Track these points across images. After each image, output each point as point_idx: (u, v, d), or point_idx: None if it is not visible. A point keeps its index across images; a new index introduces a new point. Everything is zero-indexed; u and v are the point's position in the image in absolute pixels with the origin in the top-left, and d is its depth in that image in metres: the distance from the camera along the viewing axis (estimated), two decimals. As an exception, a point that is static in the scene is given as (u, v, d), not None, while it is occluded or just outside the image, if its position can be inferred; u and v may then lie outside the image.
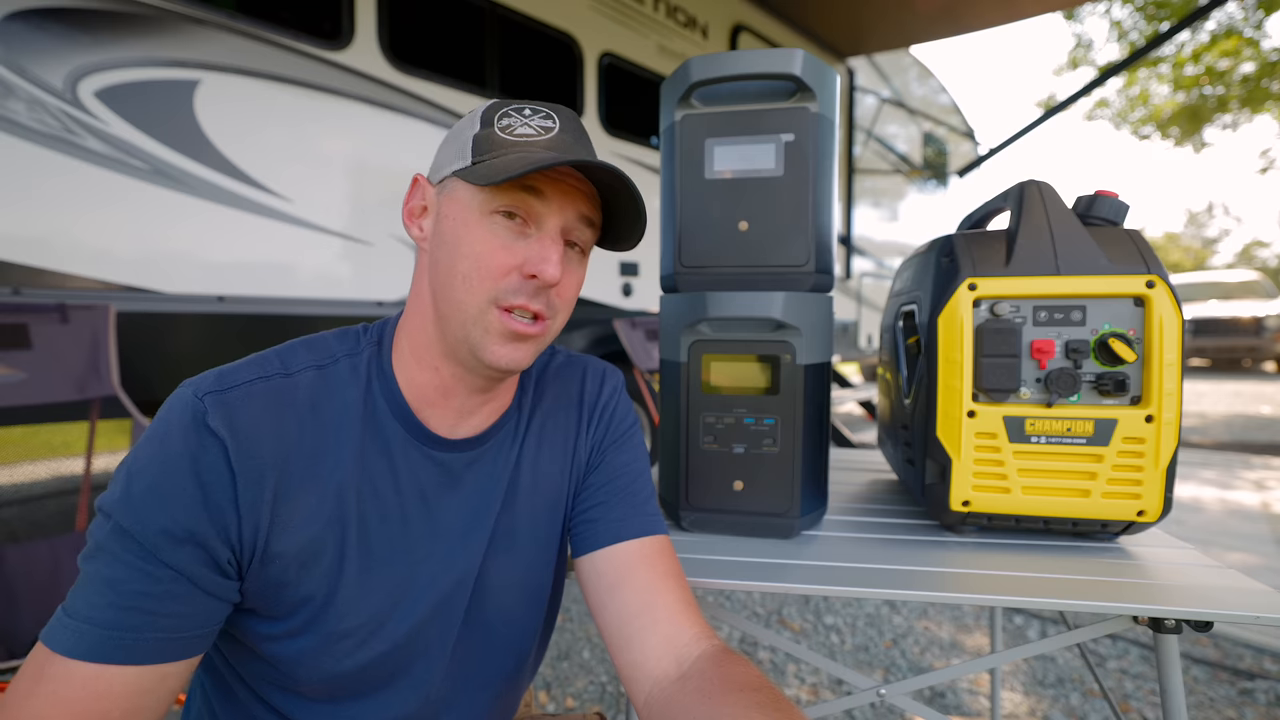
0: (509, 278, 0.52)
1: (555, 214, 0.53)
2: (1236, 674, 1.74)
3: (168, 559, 0.44)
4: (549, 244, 0.52)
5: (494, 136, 0.52)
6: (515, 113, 0.54)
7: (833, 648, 1.90)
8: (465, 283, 0.51)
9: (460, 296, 0.52)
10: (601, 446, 0.66)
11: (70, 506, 1.32)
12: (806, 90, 0.75)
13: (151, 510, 0.44)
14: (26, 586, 1.17)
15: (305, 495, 0.50)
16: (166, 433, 0.46)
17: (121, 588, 0.43)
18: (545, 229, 0.53)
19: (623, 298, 3.24)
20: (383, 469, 0.54)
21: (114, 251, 1.78)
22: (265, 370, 0.51)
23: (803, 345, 0.76)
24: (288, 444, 0.49)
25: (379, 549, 0.53)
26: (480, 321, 0.52)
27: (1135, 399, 0.70)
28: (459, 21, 2.65)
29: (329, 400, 0.52)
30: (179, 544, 0.45)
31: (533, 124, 0.53)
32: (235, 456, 0.47)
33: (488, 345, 0.52)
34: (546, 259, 0.51)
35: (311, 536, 0.50)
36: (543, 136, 0.53)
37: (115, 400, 1.41)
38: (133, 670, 0.43)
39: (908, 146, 6.13)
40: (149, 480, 0.45)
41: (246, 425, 0.48)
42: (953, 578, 0.67)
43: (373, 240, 2.31)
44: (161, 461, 0.46)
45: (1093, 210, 0.75)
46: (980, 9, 5.02)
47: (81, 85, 1.70)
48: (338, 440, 0.52)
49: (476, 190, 0.52)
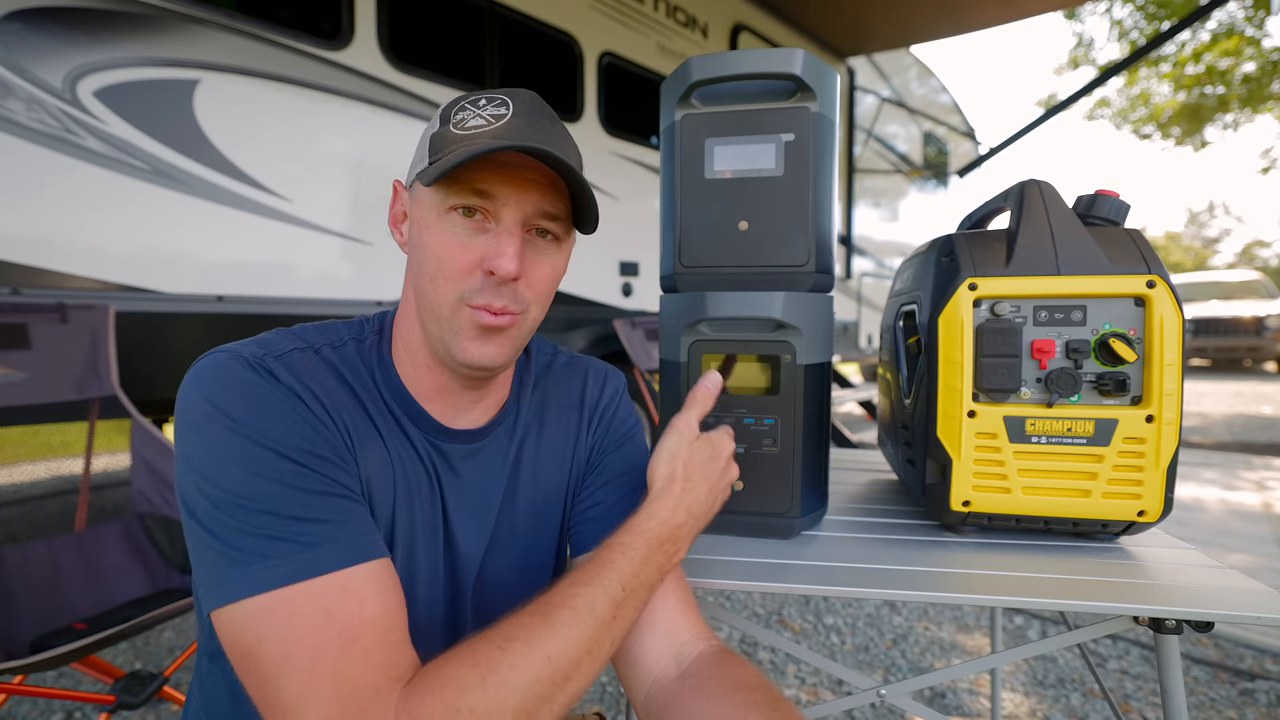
0: (472, 276, 0.52)
1: (511, 206, 0.52)
2: (1237, 674, 1.74)
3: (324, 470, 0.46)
4: (505, 237, 0.51)
5: (448, 134, 0.52)
6: (470, 105, 0.53)
7: (833, 648, 1.89)
8: (433, 284, 0.52)
9: (431, 298, 0.52)
10: (602, 447, 0.66)
11: (69, 507, 1.31)
12: (807, 90, 0.74)
13: (282, 433, 0.45)
14: (26, 587, 1.17)
15: (370, 450, 0.52)
16: (239, 385, 0.46)
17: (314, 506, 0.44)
18: (503, 222, 0.52)
19: (622, 298, 3.24)
20: (408, 447, 0.55)
21: (113, 251, 1.77)
22: (298, 344, 0.52)
23: (803, 345, 0.75)
24: (341, 403, 0.51)
25: (416, 524, 0.55)
26: (452, 321, 0.52)
27: (1136, 399, 0.69)
28: (459, 21, 2.65)
29: (349, 378, 0.54)
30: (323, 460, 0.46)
31: (485, 114, 0.52)
32: (316, 399, 0.48)
33: (460, 343, 0.52)
34: (501, 253, 0.51)
35: (378, 491, 0.52)
36: (492, 125, 0.51)
37: (115, 400, 1.41)
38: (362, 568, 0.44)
39: (908, 146, 6.12)
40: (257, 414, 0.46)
41: (310, 380, 0.49)
42: (953, 578, 0.67)
43: (372, 240, 2.30)
44: (260, 400, 0.46)
45: (1093, 210, 0.75)
46: (980, 9, 5.01)
47: (81, 85, 1.70)
48: (369, 415, 0.53)
49: (433, 190, 0.52)
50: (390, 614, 0.44)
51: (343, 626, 0.41)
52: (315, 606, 0.41)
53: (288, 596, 0.41)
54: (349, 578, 0.43)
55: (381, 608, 0.43)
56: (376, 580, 0.44)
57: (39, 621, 1.15)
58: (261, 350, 0.49)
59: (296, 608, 0.41)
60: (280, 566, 0.41)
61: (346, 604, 0.42)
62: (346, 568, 0.43)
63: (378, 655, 0.41)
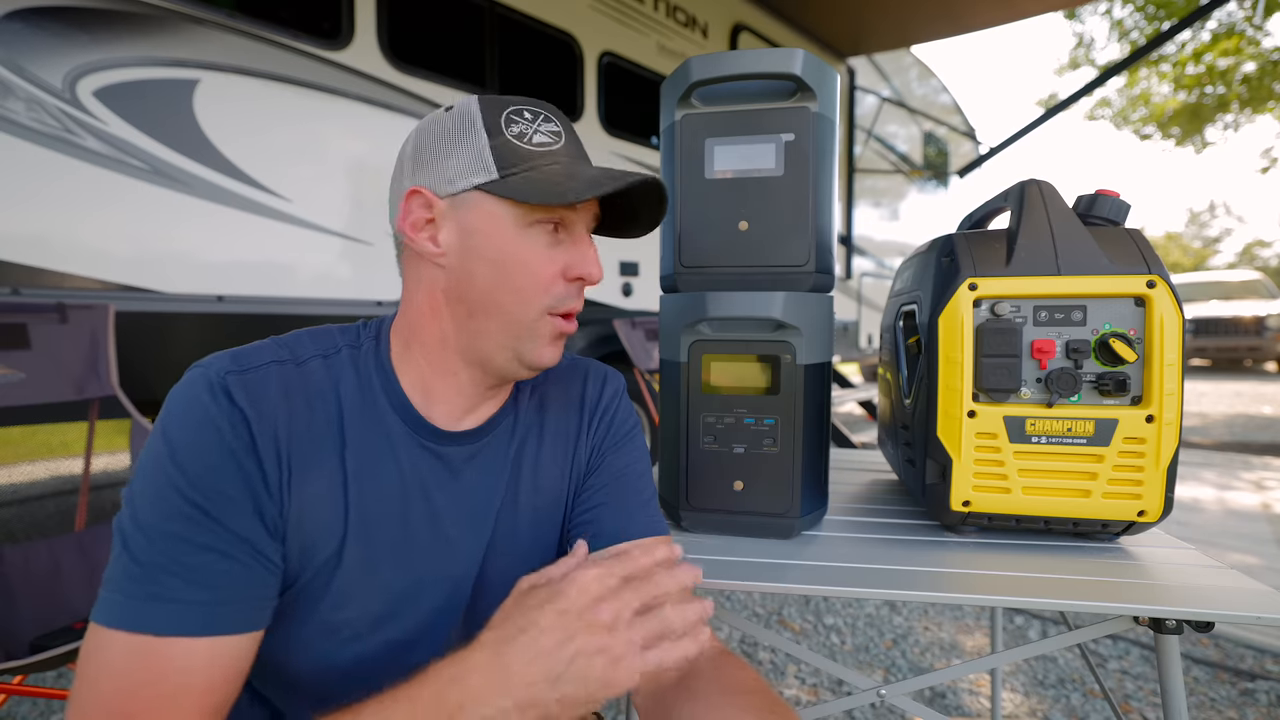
0: (557, 284, 0.54)
1: (584, 215, 0.56)
2: (1237, 674, 1.74)
3: (222, 517, 0.45)
4: (586, 246, 0.56)
5: (513, 147, 0.52)
6: (519, 118, 0.54)
7: (833, 648, 1.89)
8: (518, 295, 0.53)
9: (513, 309, 0.53)
10: (602, 449, 0.66)
11: (69, 507, 1.31)
12: (807, 90, 0.74)
13: (198, 471, 0.45)
14: (25, 587, 1.17)
15: (314, 479, 0.51)
16: (187, 409, 0.47)
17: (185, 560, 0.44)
18: (575, 232, 0.55)
19: (623, 298, 3.24)
20: (387, 460, 0.54)
21: (113, 251, 1.77)
22: (278, 355, 0.52)
23: (803, 345, 0.75)
24: (298, 427, 0.51)
25: (380, 540, 0.54)
26: (534, 330, 0.54)
27: (1136, 399, 0.69)
28: (459, 21, 2.65)
29: (333, 389, 0.53)
30: (231, 501, 0.46)
31: (543, 131, 0.55)
32: (257, 429, 0.48)
33: (538, 350, 0.55)
34: (589, 260, 0.55)
35: (316, 521, 0.51)
36: (559, 144, 0.55)
37: (114, 400, 1.40)
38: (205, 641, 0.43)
39: (908, 146, 6.12)
40: (185, 445, 0.46)
41: (265, 403, 0.49)
42: (953, 578, 0.67)
43: (372, 240, 2.30)
44: (196, 426, 0.46)
45: (1093, 210, 0.75)
46: (980, 9, 5.01)
47: (80, 85, 1.70)
48: (342, 428, 0.53)
49: (511, 204, 0.52)
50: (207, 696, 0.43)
51: (152, 691, 0.41)
52: (138, 661, 0.41)
53: (121, 638, 0.41)
54: (183, 648, 0.42)
55: (202, 687, 0.43)
56: (210, 657, 0.43)
57: (39, 621, 1.15)
58: (234, 365, 0.49)
59: (124, 652, 0.41)
60: (130, 607, 0.42)
61: (167, 670, 0.42)
62: (187, 637, 0.42)
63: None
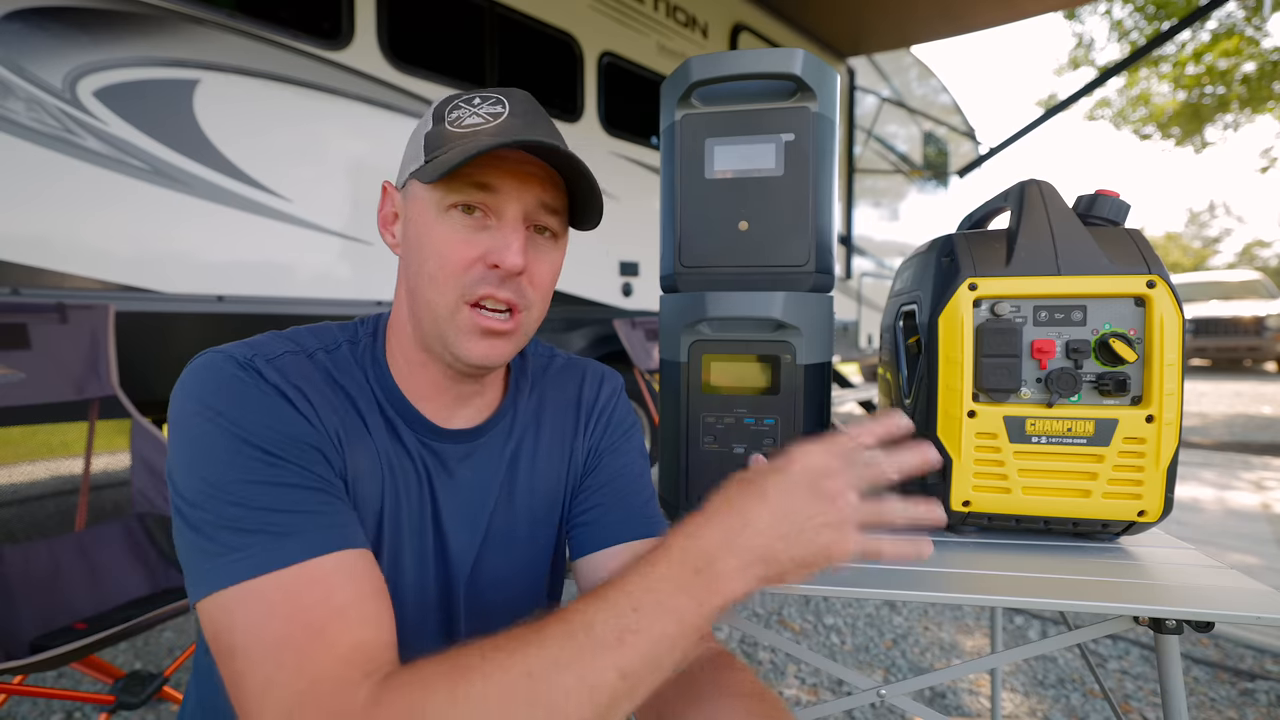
0: (472, 270, 0.51)
1: (513, 201, 0.52)
2: (1237, 674, 1.74)
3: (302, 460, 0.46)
4: (509, 232, 0.52)
5: (444, 132, 0.52)
6: (464, 104, 0.54)
7: (833, 648, 1.89)
8: (432, 282, 0.52)
9: (430, 296, 0.52)
10: (599, 449, 0.66)
11: (69, 507, 1.31)
12: (807, 90, 0.74)
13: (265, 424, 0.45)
14: (25, 587, 1.17)
15: (360, 452, 0.51)
16: (226, 383, 0.47)
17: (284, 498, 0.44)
18: (505, 218, 0.52)
19: (623, 298, 3.24)
20: (399, 448, 0.55)
21: (113, 251, 1.77)
22: (288, 346, 0.52)
23: (803, 345, 0.75)
24: (338, 404, 0.51)
25: (404, 528, 0.54)
26: (453, 320, 0.52)
27: (1136, 399, 0.69)
28: (459, 21, 2.65)
29: (342, 380, 0.54)
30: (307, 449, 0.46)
31: (481, 112, 0.53)
32: (308, 399, 0.48)
33: (462, 342, 0.52)
34: (507, 246, 0.51)
35: (364, 494, 0.51)
36: (490, 124, 0.52)
37: (114, 400, 1.40)
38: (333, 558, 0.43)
39: (908, 146, 6.12)
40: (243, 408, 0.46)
41: (301, 381, 0.49)
42: (953, 578, 0.67)
43: (372, 240, 2.30)
44: (245, 394, 0.46)
45: (1093, 210, 0.75)
46: (980, 9, 5.01)
47: (81, 85, 1.70)
48: (360, 416, 0.53)
49: (431, 189, 0.52)
50: (363, 604, 0.43)
51: (309, 617, 0.40)
52: (282, 597, 0.41)
53: (256, 588, 0.41)
54: (317, 567, 0.42)
55: (353, 597, 0.42)
56: (348, 570, 0.43)
57: (39, 621, 1.15)
58: (252, 352, 0.49)
59: (264, 599, 0.41)
60: (249, 558, 0.41)
61: (313, 593, 0.41)
62: (315, 557, 0.42)
63: (343, 647, 0.40)
